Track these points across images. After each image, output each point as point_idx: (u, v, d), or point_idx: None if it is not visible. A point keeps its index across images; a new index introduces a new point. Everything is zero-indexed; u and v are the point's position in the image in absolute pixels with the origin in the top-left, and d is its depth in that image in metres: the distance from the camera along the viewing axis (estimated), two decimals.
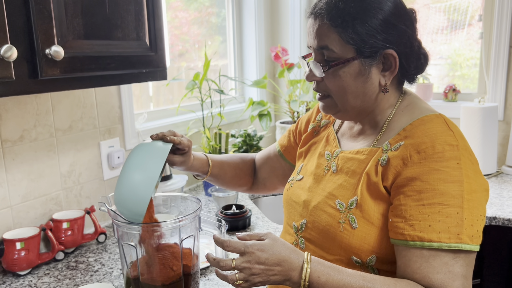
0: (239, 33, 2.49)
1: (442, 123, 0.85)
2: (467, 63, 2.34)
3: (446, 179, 0.78)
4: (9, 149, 1.28)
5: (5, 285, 1.20)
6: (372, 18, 0.83)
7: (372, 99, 0.90)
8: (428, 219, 0.78)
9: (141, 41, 1.19)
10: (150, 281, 0.95)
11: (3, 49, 0.84)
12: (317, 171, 1.00)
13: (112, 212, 0.95)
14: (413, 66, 0.90)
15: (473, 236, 0.78)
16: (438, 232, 0.77)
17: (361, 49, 0.84)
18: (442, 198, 0.78)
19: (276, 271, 0.80)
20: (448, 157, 0.79)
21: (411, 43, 0.87)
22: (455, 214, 0.77)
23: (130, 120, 1.69)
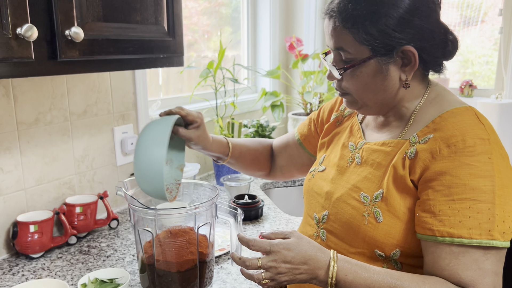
0: (253, 22, 2.46)
1: (472, 116, 0.82)
2: (479, 60, 2.30)
3: (477, 173, 0.76)
4: (24, 132, 1.28)
5: (18, 267, 1.20)
6: (384, 17, 0.81)
7: (393, 94, 0.88)
8: (459, 215, 0.76)
9: (160, 25, 1.18)
10: (165, 267, 0.95)
11: (24, 28, 0.83)
12: (340, 163, 0.98)
13: (129, 196, 0.94)
14: (440, 55, 0.87)
15: (505, 232, 0.76)
16: (468, 228, 0.75)
17: (375, 49, 0.83)
18: (473, 194, 0.76)
19: (303, 269, 0.79)
20: (479, 151, 0.77)
21: (431, 35, 0.83)
22: (487, 210, 0.75)
23: (144, 106, 1.68)
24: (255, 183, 1.90)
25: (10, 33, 0.82)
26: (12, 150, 1.25)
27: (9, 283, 1.12)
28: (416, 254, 0.85)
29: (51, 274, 1.16)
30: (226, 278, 1.13)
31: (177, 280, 0.95)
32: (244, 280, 1.12)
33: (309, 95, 2.21)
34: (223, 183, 1.70)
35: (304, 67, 2.41)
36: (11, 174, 1.26)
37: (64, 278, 1.14)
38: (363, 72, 0.85)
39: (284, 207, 1.96)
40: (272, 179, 1.28)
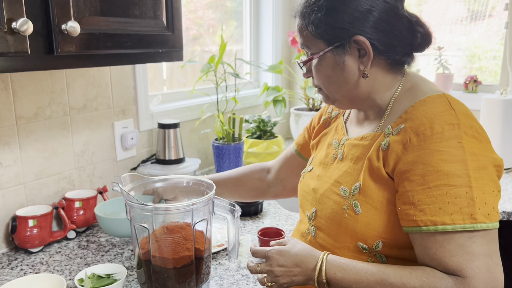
0: (255, 17, 2.44)
1: (443, 103, 0.82)
2: (486, 55, 2.28)
3: (449, 159, 0.76)
4: (23, 126, 1.28)
5: (17, 261, 1.21)
6: (333, 11, 0.85)
7: (356, 85, 0.90)
8: (437, 202, 0.76)
9: (158, 20, 1.17)
10: (161, 263, 0.94)
11: (19, 22, 0.82)
12: (325, 160, 1.01)
13: (125, 192, 0.93)
14: (403, 45, 0.88)
15: (489, 214, 0.75)
16: (450, 214, 0.75)
17: (329, 41, 0.87)
18: (447, 179, 0.76)
19: (296, 272, 0.85)
20: (448, 136, 0.77)
21: (387, 26, 0.85)
22: (464, 194, 0.75)
23: (145, 101, 1.68)
24: None
25: (5, 27, 0.81)
26: (11, 144, 1.25)
27: (8, 277, 1.12)
28: (399, 245, 0.85)
29: (49, 269, 1.16)
30: (224, 274, 1.13)
31: (173, 276, 0.94)
32: (242, 276, 1.12)
33: (312, 90, 2.19)
34: None
35: None
36: (10, 169, 1.26)
37: (62, 273, 1.14)
38: (323, 65, 0.90)
39: (284, 203, 1.95)
40: (274, 198, 1.31)
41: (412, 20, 0.89)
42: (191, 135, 1.95)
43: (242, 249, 1.26)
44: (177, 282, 0.95)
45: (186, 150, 1.91)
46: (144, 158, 1.71)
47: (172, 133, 1.68)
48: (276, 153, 1.99)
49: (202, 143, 2.02)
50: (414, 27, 0.89)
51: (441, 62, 2.25)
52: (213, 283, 1.09)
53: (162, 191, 1.10)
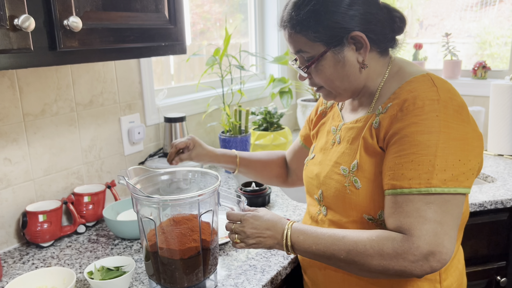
0: (260, 8, 2.43)
1: (427, 81, 0.89)
2: (497, 41, 2.24)
3: (423, 130, 0.82)
4: (30, 123, 1.29)
5: (29, 256, 1.23)
6: (326, 13, 0.90)
7: (357, 77, 0.97)
8: (402, 168, 0.83)
9: (160, 13, 1.17)
10: (168, 255, 0.95)
11: (20, 19, 0.83)
12: (325, 146, 1.08)
13: (131, 185, 0.94)
14: (388, 31, 0.96)
15: (446, 179, 0.80)
16: (409, 179, 0.82)
17: (327, 42, 0.92)
18: (416, 148, 0.82)
19: (266, 235, 0.95)
20: (427, 110, 0.83)
21: (374, 17, 0.92)
22: (427, 162, 0.81)
23: (151, 95, 1.69)
24: None
25: (8, 24, 0.82)
26: (19, 141, 1.27)
27: (19, 272, 1.14)
28: None
29: (60, 263, 1.18)
30: (231, 265, 1.14)
31: (180, 267, 0.95)
32: (249, 267, 1.12)
33: None
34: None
35: None
36: (19, 165, 1.28)
37: (73, 266, 1.16)
38: (324, 65, 0.94)
39: (292, 194, 1.95)
40: (291, 186, 1.40)
41: (389, 7, 0.97)
42: (198, 129, 1.95)
43: None
44: (185, 273, 0.96)
45: None
46: (152, 152, 1.72)
47: (178, 127, 1.68)
48: (283, 144, 1.99)
49: (209, 136, 2.02)
50: (392, 13, 0.97)
51: (449, 49, 2.22)
52: (221, 274, 1.09)
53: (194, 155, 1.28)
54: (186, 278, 0.97)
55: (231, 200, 1.03)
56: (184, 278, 0.97)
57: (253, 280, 1.06)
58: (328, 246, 0.87)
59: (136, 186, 1.01)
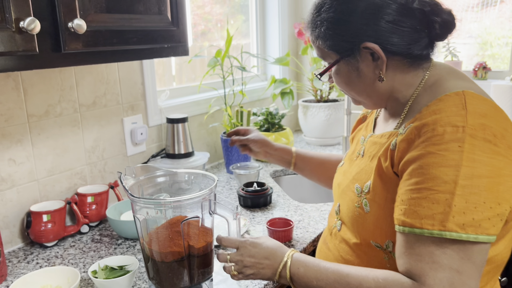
0: (261, 9, 2.45)
1: (457, 102, 0.77)
2: (498, 42, 2.25)
3: (441, 163, 0.72)
4: (34, 124, 1.31)
5: (33, 255, 1.24)
6: (336, 23, 0.85)
7: (377, 88, 0.89)
8: (415, 204, 0.73)
9: (163, 15, 1.18)
10: (153, 256, 0.96)
11: (26, 21, 0.84)
12: (351, 156, 1.02)
13: (124, 186, 0.95)
14: (422, 40, 0.85)
15: (465, 224, 0.69)
16: (421, 218, 0.72)
17: (339, 51, 0.88)
18: (432, 183, 0.72)
19: (265, 264, 0.89)
20: (448, 139, 0.73)
21: (395, 26, 0.82)
22: (444, 201, 0.71)
23: (153, 96, 1.70)
24: (265, 171, 1.90)
25: (14, 27, 0.84)
26: (24, 142, 1.28)
27: (24, 271, 1.15)
28: None
29: (64, 262, 1.19)
30: None
31: (164, 270, 0.96)
32: None
33: (319, 82, 2.19)
34: (232, 171, 1.71)
35: (314, 53, 2.39)
36: (23, 166, 1.29)
37: (77, 265, 1.17)
38: (339, 74, 0.91)
39: (294, 195, 1.97)
40: None
41: (426, 11, 0.83)
42: (200, 129, 1.97)
43: None
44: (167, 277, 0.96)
45: (195, 144, 1.93)
46: (154, 153, 1.74)
47: (181, 128, 1.70)
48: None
49: (211, 137, 2.04)
50: (430, 18, 0.84)
51: (450, 50, 2.23)
52: (223, 274, 1.10)
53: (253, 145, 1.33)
54: (170, 282, 0.97)
55: (225, 209, 0.98)
56: (167, 282, 0.97)
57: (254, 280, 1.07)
58: (331, 284, 0.80)
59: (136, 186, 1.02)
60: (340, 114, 2.26)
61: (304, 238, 1.28)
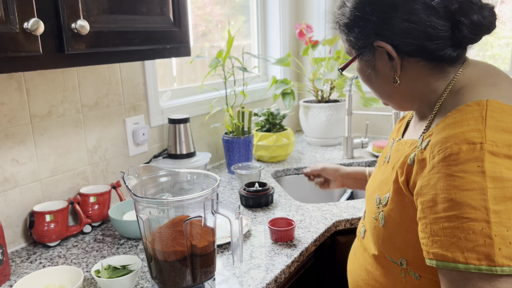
0: (262, 9, 2.45)
1: (476, 114, 0.69)
2: (499, 42, 2.25)
3: (463, 186, 0.65)
4: (37, 124, 1.31)
5: (36, 255, 1.25)
6: (353, 20, 0.83)
7: (395, 89, 0.86)
8: (450, 235, 0.65)
9: (165, 16, 1.19)
10: (156, 255, 0.97)
11: (30, 22, 0.85)
12: (381, 160, 0.96)
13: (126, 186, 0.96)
14: (445, 43, 0.77)
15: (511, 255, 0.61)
16: (463, 251, 0.63)
17: (356, 48, 0.86)
18: (460, 210, 0.64)
19: None
20: (465, 159, 0.66)
21: (416, 24, 0.76)
22: (480, 230, 0.62)
23: (155, 97, 1.71)
24: (266, 171, 1.91)
25: (18, 28, 0.84)
26: (27, 142, 1.29)
27: (27, 271, 1.16)
28: (427, 267, 0.78)
29: (67, 262, 1.20)
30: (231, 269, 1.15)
31: (166, 269, 0.96)
32: (254, 265, 1.14)
33: (320, 82, 2.20)
34: (234, 171, 1.72)
35: (315, 53, 2.40)
36: (26, 166, 1.30)
37: (80, 265, 1.18)
38: (359, 70, 0.90)
39: (295, 194, 1.97)
40: None
41: (453, 9, 0.75)
42: (201, 130, 1.97)
43: (255, 240, 1.29)
44: (170, 276, 0.97)
45: (196, 144, 1.94)
46: (156, 153, 1.74)
47: (182, 128, 1.70)
48: (285, 145, 2.00)
49: (212, 137, 2.04)
50: (455, 18, 0.75)
51: None
52: (224, 273, 1.11)
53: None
54: (172, 281, 0.98)
55: (227, 209, 0.98)
56: (170, 281, 0.98)
57: (257, 278, 1.08)
58: None
59: (139, 186, 1.03)
60: (341, 115, 2.27)
61: (306, 238, 1.28)
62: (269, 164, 2.02)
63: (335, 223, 1.40)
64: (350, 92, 2.02)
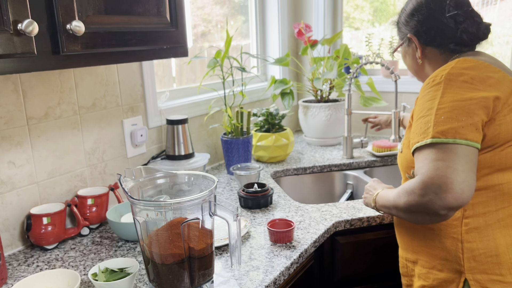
0: (261, 9, 2.44)
1: (451, 63, 1.07)
2: (499, 40, 2.24)
3: (428, 97, 1.03)
4: (34, 126, 1.30)
5: (33, 258, 1.24)
6: (400, 19, 1.27)
7: (421, 68, 1.25)
8: (416, 129, 1.03)
9: (162, 16, 1.18)
10: (154, 258, 0.96)
11: (24, 23, 0.84)
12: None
13: (124, 188, 0.95)
14: (451, 37, 1.15)
15: (444, 131, 0.96)
16: (418, 135, 1.01)
17: (401, 38, 1.28)
18: (422, 113, 1.03)
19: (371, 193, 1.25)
20: (435, 82, 1.04)
21: (431, 24, 1.17)
22: (428, 120, 1.00)
23: (153, 98, 1.70)
24: (266, 172, 1.90)
25: (12, 29, 0.83)
26: (23, 144, 1.28)
27: (24, 274, 1.15)
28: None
29: (64, 265, 1.19)
30: (231, 270, 1.14)
31: (164, 272, 0.95)
32: (252, 267, 1.13)
33: (319, 82, 2.19)
34: (233, 172, 1.71)
35: (314, 53, 2.39)
36: (23, 168, 1.29)
37: (77, 268, 1.17)
38: (402, 53, 1.31)
39: (294, 195, 1.96)
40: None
41: (458, 21, 1.14)
42: (200, 131, 1.96)
43: (254, 241, 1.28)
44: (168, 279, 0.96)
45: (195, 145, 1.93)
46: (154, 155, 1.73)
47: (181, 129, 1.69)
48: (284, 145, 1.99)
49: (211, 138, 2.03)
50: (459, 27, 1.14)
51: None
52: (224, 275, 1.10)
53: None
54: (170, 284, 0.97)
55: (225, 211, 0.97)
56: (168, 284, 0.97)
57: (256, 280, 1.07)
58: (385, 202, 1.13)
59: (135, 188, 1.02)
60: (340, 114, 2.26)
61: (305, 239, 1.27)
62: (269, 164, 2.01)
63: (334, 224, 1.39)
64: (350, 92, 2.01)
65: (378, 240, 1.45)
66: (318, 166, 1.98)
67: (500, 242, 1.03)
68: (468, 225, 1.04)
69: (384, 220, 1.43)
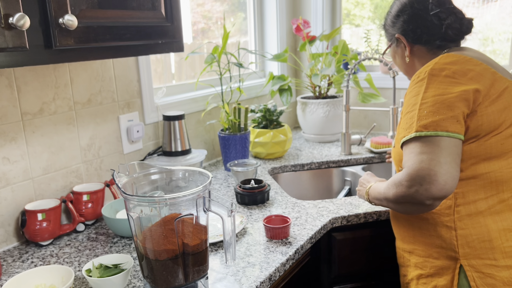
0: (259, 5, 2.43)
1: (437, 57, 1.12)
2: (499, 37, 2.23)
3: (413, 93, 1.09)
4: (29, 122, 1.29)
5: (28, 254, 1.23)
6: (386, 20, 1.33)
7: (410, 66, 1.30)
8: (403, 124, 1.09)
9: (157, 11, 1.17)
10: (148, 254, 0.95)
11: (15, 17, 0.83)
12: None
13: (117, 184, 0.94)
14: (436, 35, 1.21)
15: (427, 125, 1.01)
16: (404, 131, 1.06)
17: (389, 39, 1.34)
18: (408, 108, 1.08)
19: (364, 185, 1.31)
20: (419, 78, 1.09)
21: (416, 23, 1.23)
22: (413, 116, 1.05)
23: (149, 94, 1.69)
24: (263, 168, 1.89)
25: (3, 23, 0.82)
26: (18, 140, 1.27)
27: (19, 270, 1.14)
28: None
29: (59, 261, 1.18)
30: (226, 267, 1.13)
31: (158, 268, 0.95)
32: (248, 263, 1.12)
33: (317, 78, 2.18)
34: (230, 168, 1.70)
35: (312, 49, 2.38)
36: (18, 164, 1.28)
37: (72, 264, 1.16)
38: (391, 53, 1.35)
39: (292, 191, 1.95)
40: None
41: (442, 18, 1.20)
42: (197, 127, 1.95)
43: (250, 237, 1.27)
44: (161, 275, 0.95)
45: (192, 141, 1.92)
46: (151, 151, 1.72)
47: (177, 125, 1.68)
48: (282, 142, 1.98)
49: (209, 134, 2.02)
50: (443, 23, 1.20)
51: None
52: (220, 271, 1.09)
53: None
54: (164, 280, 0.96)
55: (220, 207, 0.96)
56: (162, 280, 0.96)
57: (251, 277, 1.06)
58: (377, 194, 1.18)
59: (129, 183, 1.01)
60: (339, 111, 2.24)
61: (302, 235, 1.27)
62: (266, 161, 2.00)
63: (331, 220, 1.38)
64: (348, 88, 2.00)
65: (375, 236, 1.44)
66: (316, 162, 1.97)
67: (492, 228, 1.06)
68: (460, 212, 1.08)
69: (381, 217, 1.43)
